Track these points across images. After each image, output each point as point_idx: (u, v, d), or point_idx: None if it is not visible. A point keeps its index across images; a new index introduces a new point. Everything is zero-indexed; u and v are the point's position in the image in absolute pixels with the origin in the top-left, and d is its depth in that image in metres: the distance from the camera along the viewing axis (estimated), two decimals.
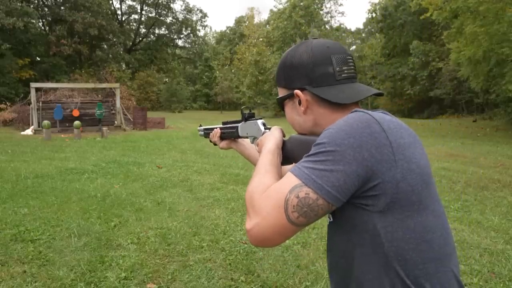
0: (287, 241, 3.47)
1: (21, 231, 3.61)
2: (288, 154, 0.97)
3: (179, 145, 10.67)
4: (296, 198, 0.69)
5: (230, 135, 1.30)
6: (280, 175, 0.84)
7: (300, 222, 0.70)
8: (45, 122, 12.08)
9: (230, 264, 3.05)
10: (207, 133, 1.44)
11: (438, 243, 0.74)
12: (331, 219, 0.84)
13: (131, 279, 2.77)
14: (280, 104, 0.96)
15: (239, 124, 1.24)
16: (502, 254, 3.24)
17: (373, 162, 0.68)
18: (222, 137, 1.35)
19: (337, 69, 0.85)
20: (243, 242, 3.50)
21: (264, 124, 1.15)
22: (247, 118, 1.20)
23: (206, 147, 10.01)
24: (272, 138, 0.97)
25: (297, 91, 0.87)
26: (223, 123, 1.34)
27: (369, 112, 0.75)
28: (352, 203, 0.72)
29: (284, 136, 1.02)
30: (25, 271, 2.85)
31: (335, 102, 0.83)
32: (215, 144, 1.41)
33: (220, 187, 5.63)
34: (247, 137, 1.24)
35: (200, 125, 1.52)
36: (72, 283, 2.69)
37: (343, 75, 0.85)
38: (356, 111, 0.77)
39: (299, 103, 0.88)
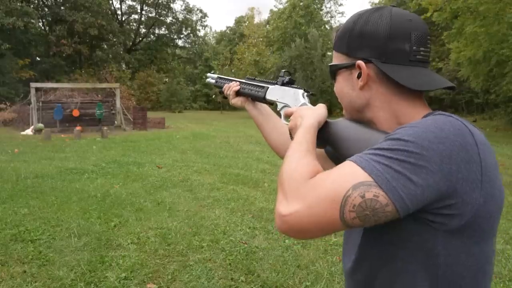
0: (287, 241, 3.47)
1: (21, 231, 3.61)
2: (330, 138, 0.83)
3: (179, 145, 10.67)
4: (360, 198, 0.58)
5: (252, 94, 1.13)
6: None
7: (354, 224, 0.60)
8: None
9: (230, 264, 3.05)
10: (221, 82, 1.26)
11: (490, 276, 0.69)
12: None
13: (131, 279, 2.77)
14: (333, 72, 0.82)
15: (271, 86, 1.07)
16: (502, 254, 3.25)
17: (459, 179, 0.58)
18: (240, 93, 1.19)
19: (414, 48, 0.72)
20: (243, 242, 3.50)
21: (304, 97, 0.98)
22: (285, 83, 1.03)
23: (206, 147, 10.01)
24: (315, 115, 0.84)
25: (360, 62, 0.74)
26: (248, 79, 1.17)
27: (460, 119, 0.63)
28: (415, 216, 0.61)
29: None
30: (25, 271, 2.85)
31: (402, 85, 0.71)
32: (224, 97, 1.24)
33: (220, 187, 5.63)
34: (272, 103, 1.08)
35: (213, 72, 1.32)
36: (72, 283, 2.69)
37: (417, 57, 0.73)
38: (441, 114, 0.65)
39: (358, 76, 0.76)
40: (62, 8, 31.45)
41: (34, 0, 31.68)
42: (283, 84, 1.03)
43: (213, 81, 1.31)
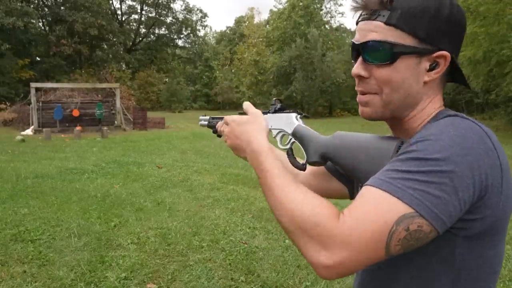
0: (287, 241, 3.47)
1: (21, 231, 3.61)
2: (331, 154, 0.79)
3: (179, 145, 10.67)
4: (405, 231, 0.54)
5: None
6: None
7: (397, 253, 0.57)
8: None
9: (230, 264, 3.05)
10: (213, 122, 1.25)
11: (497, 276, 0.67)
12: None
13: (131, 279, 2.77)
14: (394, 54, 0.64)
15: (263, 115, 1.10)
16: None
17: (486, 185, 0.56)
18: None
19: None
20: (243, 242, 3.50)
21: (298, 119, 0.96)
22: (277, 110, 1.01)
23: (206, 147, 10.01)
24: (262, 131, 0.77)
25: (447, 54, 0.64)
26: (240, 113, 1.20)
27: (475, 121, 0.60)
28: None
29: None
30: (25, 271, 2.84)
31: (444, 82, 0.68)
32: (219, 136, 1.19)
33: (220, 187, 5.63)
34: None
35: (204, 114, 1.32)
36: (72, 283, 2.69)
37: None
38: (458, 116, 0.62)
39: (432, 68, 0.65)
40: (62, 8, 31.46)
41: (34, 0, 31.68)
42: (275, 112, 1.01)
43: (206, 122, 1.29)
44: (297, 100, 30.41)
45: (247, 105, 0.87)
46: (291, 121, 0.95)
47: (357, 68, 0.69)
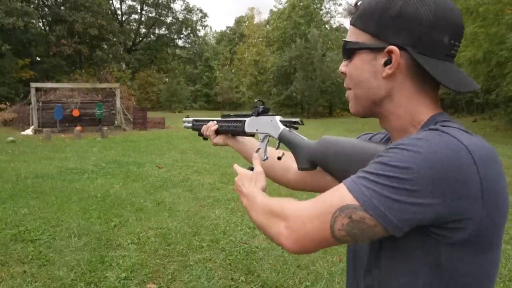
0: None
1: (21, 231, 3.61)
2: (319, 158, 0.81)
3: (179, 145, 10.67)
4: (347, 218, 0.59)
5: (231, 130, 1.13)
6: None
7: (345, 240, 0.62)
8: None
9: (230, 264, 3.05)
10: (198, 125, 1.26)
11: (495, 277, 0.67)
12: None
13: (131, 279, 2.77)
14: (349, 51, 0.72)
15: (247, 118, 1.07)
16: (502, 254, 3.24)
17: (454, 199, 0.56)
18: (219, 132, 1.18)
19: (452, 41, 0.65)
20: (243, 242, 3.50)
21: (282, 122, 0.98)
22: (260, 112, 1.03)
23: (206, 147, 10.01)
24: (259, 184, 0.85)
25: (394, 48, 0.65)
26: (223, 116, 1.18)
27: (458, 135, 0.59)
28: (418, 228, 0.60)
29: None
30: (25, 271, 2.85)
31: (428, 82, 0.67)
32: (205, 139, 1.24)
33: (220, 187, 5.63)
34: (253, 135, 1.08)
35: (187, 116, 1.32)
36: (72, 283, 2.69)
37: (452, 52, 0.66)
38: (438, 129, 0.61)
39: (386, 64, 0.67)
40: (62, 8, 31.47)
41: (34, 0, 31.69)
42: (258, 114, 1.03)
43: (190, 124, 1.30)
44: (297, 100, 30.40)
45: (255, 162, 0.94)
46: (276, 125, 0.96)
47: (341, 65, 0.76)
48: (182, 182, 5.92)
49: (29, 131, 14.42)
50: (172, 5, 43.21)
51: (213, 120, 1.20)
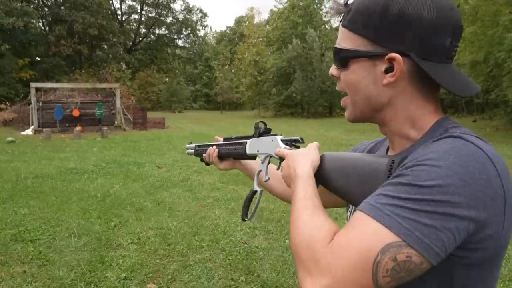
0: (286, 241, 3.47)
1: (21, 231, 3.62)
2: (321, 175, 0.75)
3: (179, 145, 10.67)
4: (392, 262, 0.51)
5: (232, 153, 1.09)
6: None
7: (389, 286, 0.53)
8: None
9: (230, 264, 3.05)
10: (200, 151, 1.22)
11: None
12: None
13: (131, 279, 2.77)
14: (343, 59, 0.66)
15: (248, 140, 1.03)
16: None
17: (485, 217, 0.52)
18: (221, 156, 1.14)
19: (453, 43, 0.61)
20: (243, 242, 3.50)
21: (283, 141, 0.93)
22: (261, 133, 0.99)
23: None
24: (309, 161, 0.74)
25: (397, 56, 0.59)
26: (225, 139, 1.15)
27: (480, 144, 0.55)
28: None
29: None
30: (25, 271, 2.85)
31: (429, 86, 0.63)
32: (207, 164, 1.21)
33: (220, 187, 5.63)
34: (255, 156, 1.04)
35: (190, 142, 1.29)
36: (72, 283, 2.69)
37: (452, 53, 0.62)
38: (460, 137, 0.56)
39: (387, 71, 0.61)
40: (62, 8, 31.49)
41: (34, 0, 31.70)
42: (260, 135, 0.99)
43: (192, 151, 1.27)
44: (297, 100, 30.42)
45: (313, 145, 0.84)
46: (277, 144, 0.93)
47: (332, 68, 0.71)
48: (182, 182, 5.92)
49: (29, 131, 14.43)
50: (172, 5, 43.30)
51: (213, 145, 1.16)
